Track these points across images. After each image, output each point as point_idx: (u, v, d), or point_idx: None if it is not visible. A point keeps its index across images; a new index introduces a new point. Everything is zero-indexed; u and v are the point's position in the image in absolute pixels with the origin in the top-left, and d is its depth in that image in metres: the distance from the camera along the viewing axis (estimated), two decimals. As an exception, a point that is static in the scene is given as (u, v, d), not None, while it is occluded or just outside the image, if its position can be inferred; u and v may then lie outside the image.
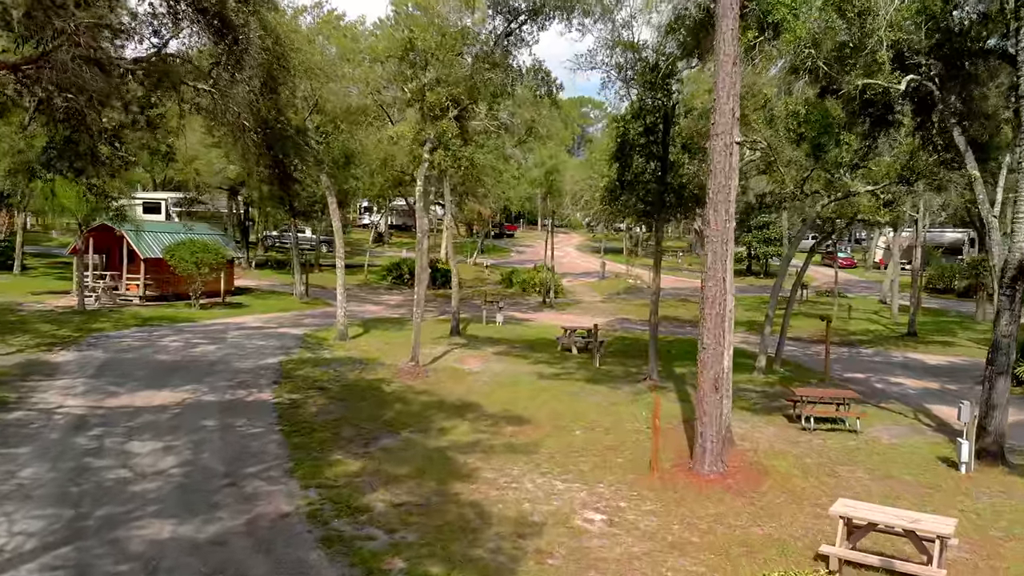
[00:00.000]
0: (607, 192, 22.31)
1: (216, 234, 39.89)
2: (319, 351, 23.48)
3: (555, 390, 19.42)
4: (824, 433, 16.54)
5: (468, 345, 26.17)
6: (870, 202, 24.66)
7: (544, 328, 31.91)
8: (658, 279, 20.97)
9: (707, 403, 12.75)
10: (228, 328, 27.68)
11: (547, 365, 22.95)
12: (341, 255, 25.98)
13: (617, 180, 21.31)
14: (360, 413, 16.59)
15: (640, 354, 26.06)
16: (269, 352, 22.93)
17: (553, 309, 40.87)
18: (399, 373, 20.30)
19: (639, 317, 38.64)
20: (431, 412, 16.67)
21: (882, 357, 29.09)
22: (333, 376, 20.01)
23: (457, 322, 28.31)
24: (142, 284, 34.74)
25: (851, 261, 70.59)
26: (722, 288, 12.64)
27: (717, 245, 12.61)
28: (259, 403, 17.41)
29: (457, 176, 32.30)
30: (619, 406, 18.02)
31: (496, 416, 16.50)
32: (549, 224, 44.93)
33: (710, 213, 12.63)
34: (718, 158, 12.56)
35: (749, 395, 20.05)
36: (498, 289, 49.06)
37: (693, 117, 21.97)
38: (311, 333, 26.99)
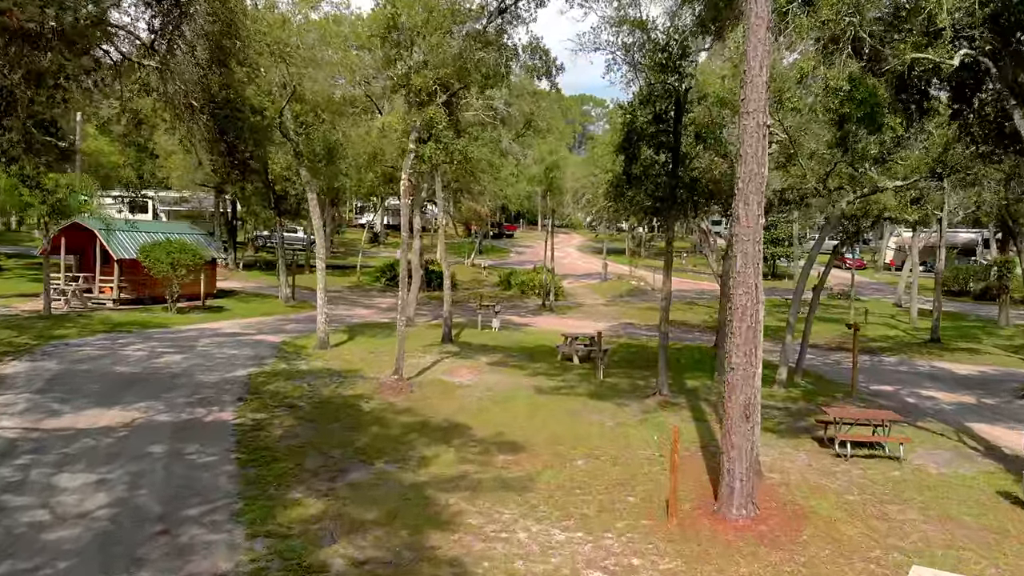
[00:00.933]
0: (612, 187, 20.21)
1: (197, 233, 37.85)
2: (295, 362, 21.38)
3: (554, 407, 17.32)
4: (862, 461, 14.43)
5: (460, 354, 24.07)
6: (896, 199, 22.72)
7: (543, 334, 29.82)
8: (668, 282, 18.87)
9: (736, 434, 10.64)
10: (202, 335, 25.59)
11: (546, 377, 20.85)
12: (322, 256, 23.90)
13: (623, 173, 19.21)
14: (330, 438, 14.49)
15: (647, 364, 23.95)
16: (240, 363, 20.83)
17: (553, 313, 38.78)
18: (380, 388, 18.20)
19: (644, 322, 36.54)
20: (412, 437, 14.56)
21: (907, 366, 26.99)
22: (306, 392, 17.92)
23: (449, 328, 26.23)
24: (116, 287, 32.68)
25: (861, 262, 68.41)
26: (754, 297, 10.54)
27: (748, 245, 10.51)
28: (218, 424, 15.32)
29: (450, 172, 30.24)
30: (627, 427, 15.92)
31: (486, 441, 14.39)
32: (549, 224, 42.80)
33: (739, 207, 10.53)
34: (749, 141, 10.47)
35: (772, 413, 17.92)
36: (496, 291, 46.98)
37: (707, 104, 19.88)
38: (290, 341, 24.90)
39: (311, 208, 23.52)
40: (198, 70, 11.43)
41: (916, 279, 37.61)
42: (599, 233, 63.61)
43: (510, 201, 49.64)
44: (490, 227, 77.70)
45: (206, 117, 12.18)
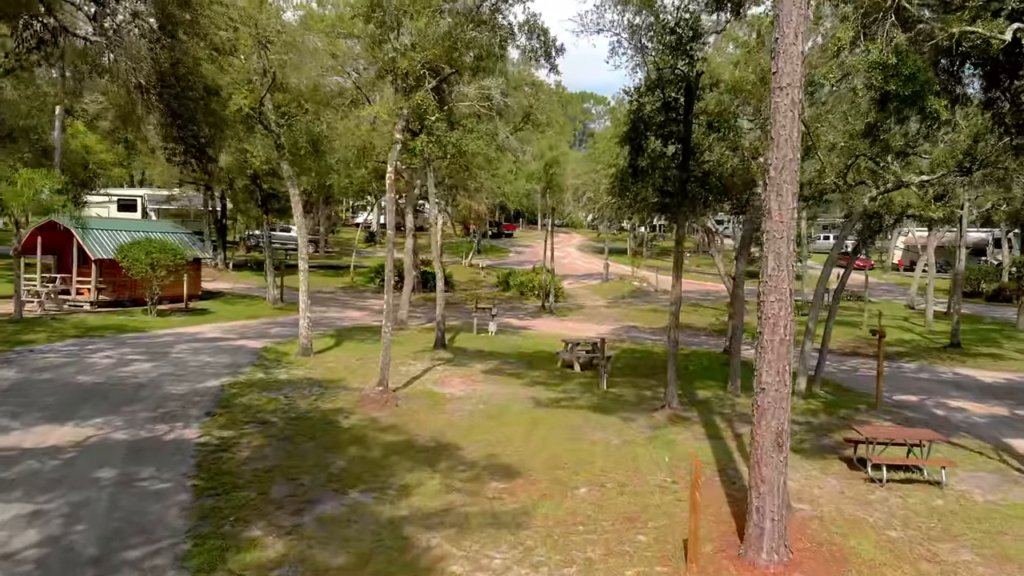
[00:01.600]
0: (617, 181, 18.62)
1: (180, 232, 36.25)
2: (274, 370, 19.80)
3: (554, 423, 15.72)
4: (899, 487, 12.86)
5: (453, 361, 22.48)
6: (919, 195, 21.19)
7: (542, 338, 28.25)
8: (679, 285, 17.28)
9: (766, 466, 9.06)
10: (178, 340, 24.00)
11: (545, 387, 19.26)
12: (304, 256, 22.31)
13: (629, 166, 17.62)
14: (302, 460, 12.91)
15: (653, 371, 22.38)
16: (213, 372, 19.25)
17: (553, 315, 37.20)
18: (363, 401, 16.60)
19: (648, 325, 34.96)
20: (394, 459, 12.97)
21: (928, 373, 25.43)
22: (281, 405, 16.33)
23: (443, 333, 24.65)
24: (94, 288, 31.09)
25: (868, 262, 66.81)
26: (787, 304, 8.96)
27: (781, 244, 8.93)
28: (178, 444, 13.74)
29: (443, 167, 28.65)
30: (634, 447, 14.33)
31: (477, 465, 12.81)
32: (548, 223, 41.22)
33: (771, 200, 8.95)
34: (782, 121, 8.89)
35: (792, 428, 16.26)
36: (494, 293, 45.41)
37: (720, 91, 18.32)
38: (272, 347, 23.31)
39: (293, 205, 21.93)
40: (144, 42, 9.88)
41: (932, 280, 36.00)
42: (601, 232, 61.92)
43: (508, 199, 47.98)
44: (489, 226, 76.15)
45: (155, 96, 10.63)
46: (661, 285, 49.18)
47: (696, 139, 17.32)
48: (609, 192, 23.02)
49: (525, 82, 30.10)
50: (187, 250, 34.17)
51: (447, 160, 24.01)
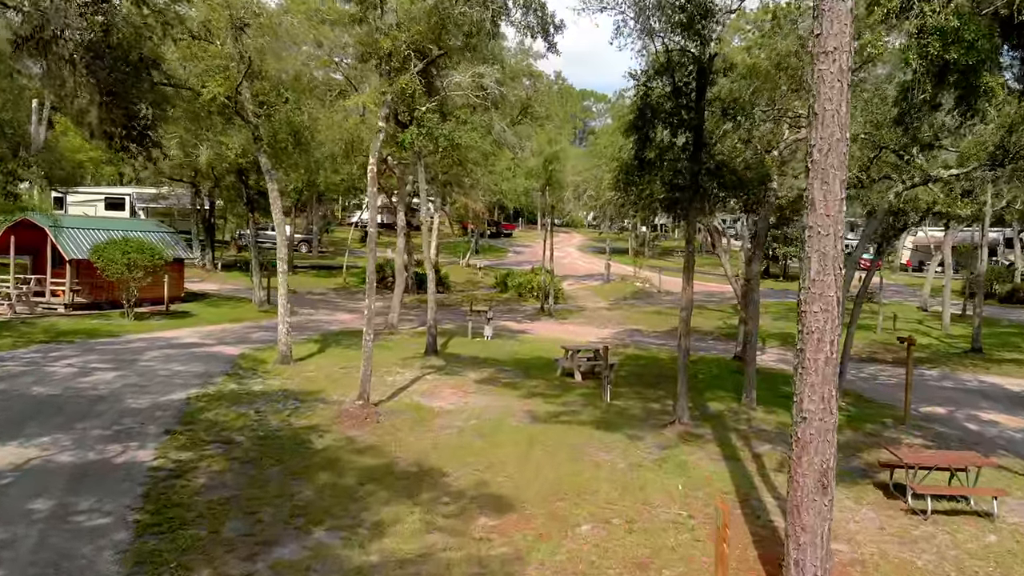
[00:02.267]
0: (622, 174, 17.04)
1: (163, 231, 34.66)
2: (248, 380, 18.21)
3: (552, 442, 14.13)
4: (944, 519, 11.29)
5: (445, 369, 20.90)
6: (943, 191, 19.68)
7: (541, 343, 26.66)
8: (690, 289, 15.70)
9: (808, 511, 7.48)
10: (151, 346, 22.42)
11: (543, 399, 17.68)
12: (283, 256, 20.73)
13: (634, 158, 16.03)
14: (265, 489, 11.33)
15: (659, 380, 20.79)
16: (182, 382, 17.67)
17: (552, 318, 35.61)
18: (341, 417, 15.01)
19: (652, 328, 33.37)
20: (369, 489, 11.38)
21: (952, 381, 23.85)
22: (250, 421, 14.74)
23: (434, 338, 23.06)
24: (68, 290, 29.54)
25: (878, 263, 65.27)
26: (833, 316, 7.39)
27: (827, 242, 7.36)
28: (129, 468, 12.17)
29: (436, 162, 27.08)
30: (643, 471, 12.74)
31: (464, 495, 11.22)
32: (548, 221, 39.64)
33: (814, 188, 7.38)
34: (828, 92, 7.32)
35: (815, 447, 14.73)
36: (491, 294, 43.84)
37: (734, 77, 16.75)
38: (250, 353, 21.73)
39: (272, 201, 20.35)
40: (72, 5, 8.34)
41: (949, 281, 34.41)
42: (603, 231, 60.30)
43: (506, 197, 46.37)
44: (487, 226, 74.55)
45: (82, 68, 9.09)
46: (664, 286, 47.60)
47: (709, 128, 15.75)
48: (612, 187, 21.44)
49: (523, 73, 28.52)
50: (169, 249, 32.66)
51: (439, 154, 22.41)
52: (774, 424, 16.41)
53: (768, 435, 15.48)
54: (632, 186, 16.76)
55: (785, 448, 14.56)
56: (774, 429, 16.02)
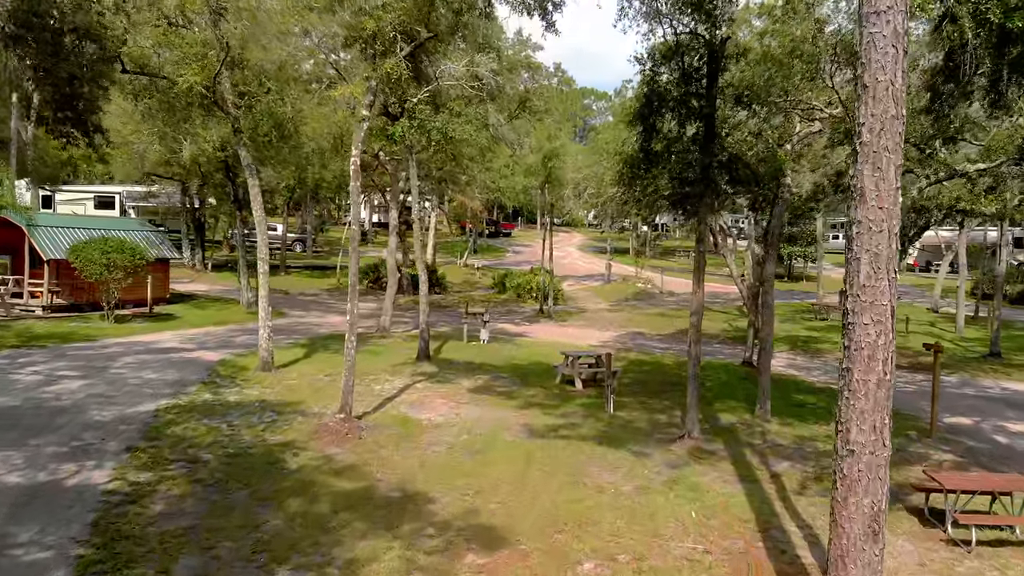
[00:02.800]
0: (626, 168, 15.78)
1: (147, 230, 33.43)
2: (225, 390, 16.96)
3: (551, 461, 12.88)
4: (991, 553, 10.04)
5: (437, 376, 19.64)
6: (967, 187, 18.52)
7: (540, 347, 25.41)
8: (700, 292, 14.45)
9: (855, 562, 6.23)
10: (128, 351, 21.17)
11: (541, 410, 16.42)
12: (264, 256, 19.48)
13: (640, 151, 14.79)
14: (228, 518, 10.08)
15: (665, 388, 19.54)
16: (152, 392, 16.41)
17: (552, 320, 34.36)
18: (320, 432, 13.75)
19: (655, 331, 32.12)
20: (344, 517, 10.13)
21: (973, 388, 22.61)
22: (221, 437, 13.49)
23: (427, 342, 21.81)
24: (47, 291, 28.30)
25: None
26: (887, 328, 6.14)
27: (879, 241, 6.11)
28: (81, 491, 10.93)
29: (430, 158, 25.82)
30: (651, 495, 11.49)
31: (451, 526, 9.97)
32: (547, 220, 38.38)
33: (863, 175, 6.13)
34: (881, 59, 6.07)
35: (837, 464, 13.49)
36: (489, 295, 42.59)
37: (748, 62, 15.50)
38: (230, 359, 20.47)
39: (252, 197, 19.10)
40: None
41: (963, 282, 33.13)
42: (605, 231, 59.01)
43: (504, 194, 45.06)
44: (486, 225, 73.33)
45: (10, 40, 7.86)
46: (667, 287, 46.38)
47: (721, 116, 14.51)
48: (616, 183, 20.20)
49: (521, 64, 27.26)
50: (153, 249, 31.46)
51: (432, 148, 21.18)
52: (791, 438, 15.17)
53: (785, 451, 14.23)
54: (637, 181, 15.51)
55: (805, 466, 13.32)
56: (791, 444, 14.78)
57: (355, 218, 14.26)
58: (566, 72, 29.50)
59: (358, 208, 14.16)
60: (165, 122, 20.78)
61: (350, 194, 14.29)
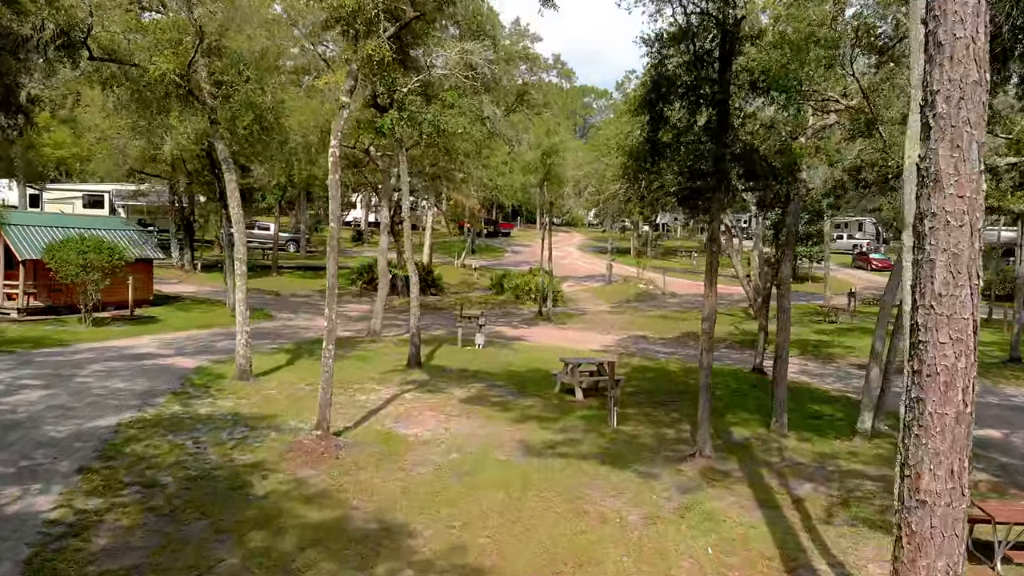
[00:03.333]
0: (631, 162, 14.51)
1: (130, 229, 32.20)
2: (196, 401, 15.69)
3: (548, 486, 11.60)
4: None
5: (427, 385, 18.38)
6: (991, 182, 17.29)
7: (538, 352, 24.14)
8: (713, 296, 13.18)
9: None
10: (100, 357, 19.91)
11: (538, 424, 15.15)
12: (241, 256, 18.22)
13: (646, 142, 13.52)
14: (179, 554, 8.82)
15: (671, 396, 18.27)
16: (117, 404, 15.15)
17: (551, 322, 33.09)
18: (293, 450, 12.48)
19: (658, 334, 30.86)
20: (311, 557, 8.86)
21: (997, 397, 21.36)
22: (185, 456, 12.22)
23: (417, 348, 20.55)
24: (22, 293, 27.03)
25: (887, 263, 62.69)
26: (969, 348, 4.90)
27: (959, 238, 4.88)
28: (21, 520, 9.67)
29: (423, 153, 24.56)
30: (662, 525, 10.22)
31: (434, 566, 8.70)
32: (547, 219, 37.12)
33: (939, 156, 4.89)
34: (959, 13, 4.83)
35: (865, 487, 12.25)
36: (487, 296, 41.33)
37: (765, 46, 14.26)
38: (207, 367, 19.22)
39: (228, 193, 17.83)
40: None
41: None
42: (607, 230, 57.76)
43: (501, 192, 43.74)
44: (484, 225, 72.08)
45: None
46: (669, 288, 45.14)
47: (736, 103, 13.26)
48: (618, 178, 18.95)
49: (519, 56, 26.01)
50: (135, 248, 30.23)
51: (423, 141, 19.92)
52: (810, 455, 13.91)
53: (806, 471, 12.97)
54: (642, 175, 14.24)
55: (830, 489, 12.06)
56: (811, 462, 13.52)
57: (334, 214, 12.97)
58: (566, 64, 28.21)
59: (337, 203, 12.88)
60: (140, 114, 19.51)
61: (329, 188, 13.02)
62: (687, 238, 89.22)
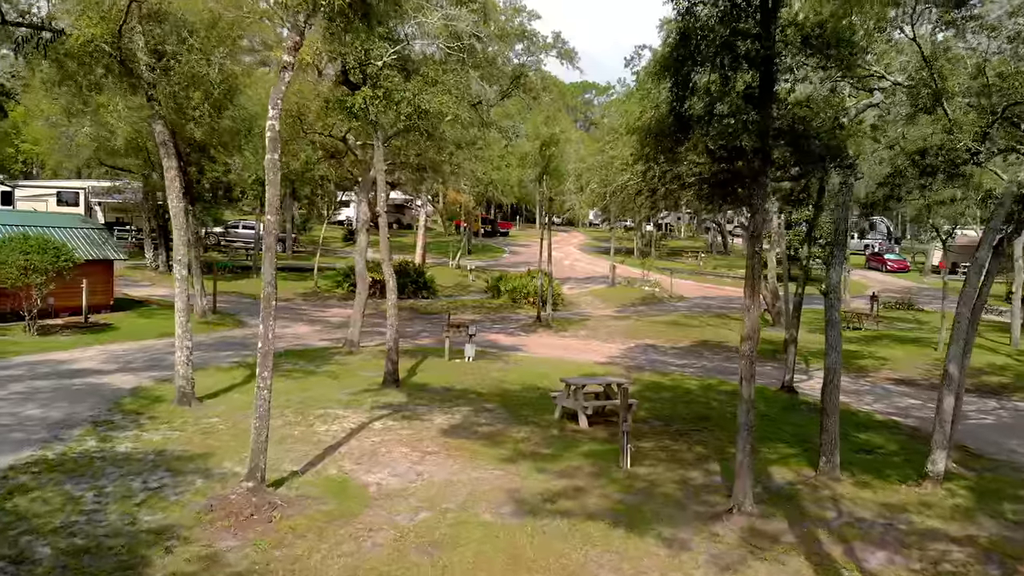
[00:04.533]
0: (651, 141, 11.70)
1: (87, 227, 29.43)
2: (119, 434, 12.89)
3: (545, 562, 8.79)
4: None
5: (403, 410, 15.58)
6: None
7: (535, 366, 21.35)
8: (755, 310, 10.36)
9: None
10: (29, 374, 17.13)
11: (533, 465, 12.33)
12: (181, 258, 15.45)
13: (671, 114, 10.74)
14: None
15: (695, 427, 15.43)
16: (24, 436, 12.35)
17: (551, 329, 30.30)
18: (216, 509, 9.66)
19: (669, 342, 28.08)
20: None
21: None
22: (78, 516, 9.42)
23: (394, 364, 17.75)
24: (-39, 298, 24.27)
25: (904, 264, 59.94)
26: None
27: None
28: None
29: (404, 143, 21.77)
30: (699, 629, 7.43)
31: None
32: (545, 217, 34.32)
33: None
34: None
35: (951, 557, 9.47)
36: (482, 300, 38.52)
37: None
38: (148, 387, 16.45)
39: (168, 182, 15.05)
40: None
41: (1021, 287, 29.01)
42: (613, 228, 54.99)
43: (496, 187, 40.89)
44: (482, 224, 69.30)
45: None
46: (677, 290, 42.36)
47: (783, 64, 10.48)
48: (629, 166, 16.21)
49: (514, 33, 23.22)
50: (93, 248, 27.52)
51: (401, 124, 17.17)
52: (874, 508, 11.11)
53: (873, 532, 10.18)
54: (663, 157, 11.45)
55: (909, 559, 9.26)
56: (876, 517, 10.73)
57: (270, 203, 10.14)
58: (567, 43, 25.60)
59: (275, 189, 10.09)
60: (72, 93, 16.72)
61: (265, 169, 10.24)
62: (691, 238, 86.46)
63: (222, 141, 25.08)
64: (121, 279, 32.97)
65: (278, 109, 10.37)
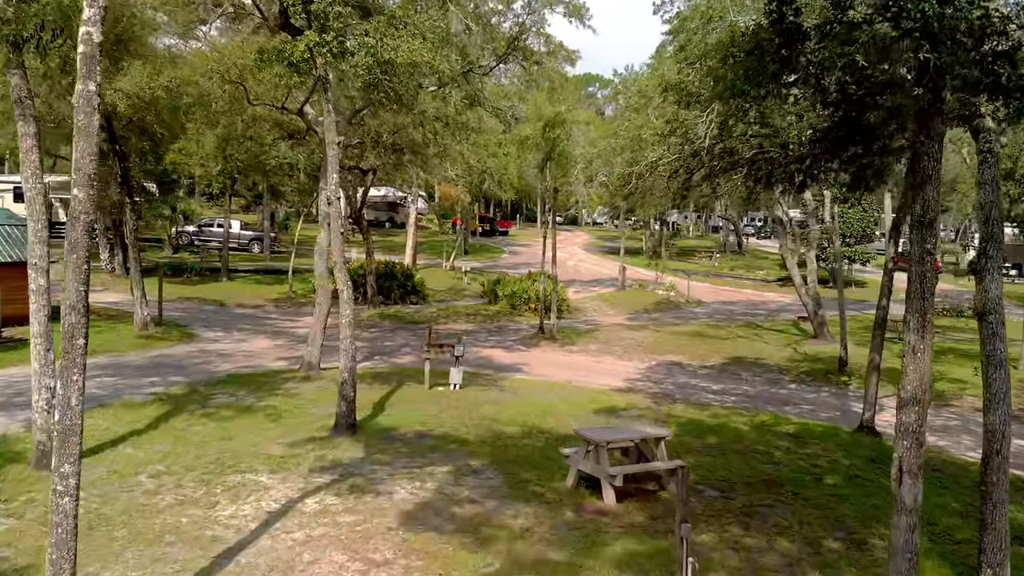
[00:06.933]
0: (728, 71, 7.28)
1: (6, 224, 25.15)
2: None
3: None
4: None
5: (355, 473, 11.16)
6: None
7: (538, 395, 16.96)
8: (926, 357, 6.00)
9: None
10: None
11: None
12: (41, 258, 11.05)
13: (771, 26, 6.36)
14: None
15: (765, 499, 10.95)
16: None
17: (555, 342, 25.89)
18: None
19: (696, 359, 23.68)
20: None
21: None
22: None
23: (350, 403, 13.30)
24: None
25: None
26: None
27: None
28: None
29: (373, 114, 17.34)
30: None
31: None
32: (549, 212, 29.94)
33: None
34: None
35: None
36: (478, 306, 34.11)
37: None
38: (11, 436, 12.08)
39: (22, 154, 10.74)
40: None
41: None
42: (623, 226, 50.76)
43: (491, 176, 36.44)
44: (479, 222, 64.98)
45: None
46: (694, 295, 38.00)
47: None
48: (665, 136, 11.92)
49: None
50: (14, 248, 23.28)
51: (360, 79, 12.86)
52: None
53: None
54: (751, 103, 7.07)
55: None
56: None
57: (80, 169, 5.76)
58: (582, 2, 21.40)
59: (91, 143, 5.68)
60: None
61: (75, 109, 5.87)
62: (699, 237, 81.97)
63: (161, 119, 20.70)
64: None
65: (99, 6, 6.00)
